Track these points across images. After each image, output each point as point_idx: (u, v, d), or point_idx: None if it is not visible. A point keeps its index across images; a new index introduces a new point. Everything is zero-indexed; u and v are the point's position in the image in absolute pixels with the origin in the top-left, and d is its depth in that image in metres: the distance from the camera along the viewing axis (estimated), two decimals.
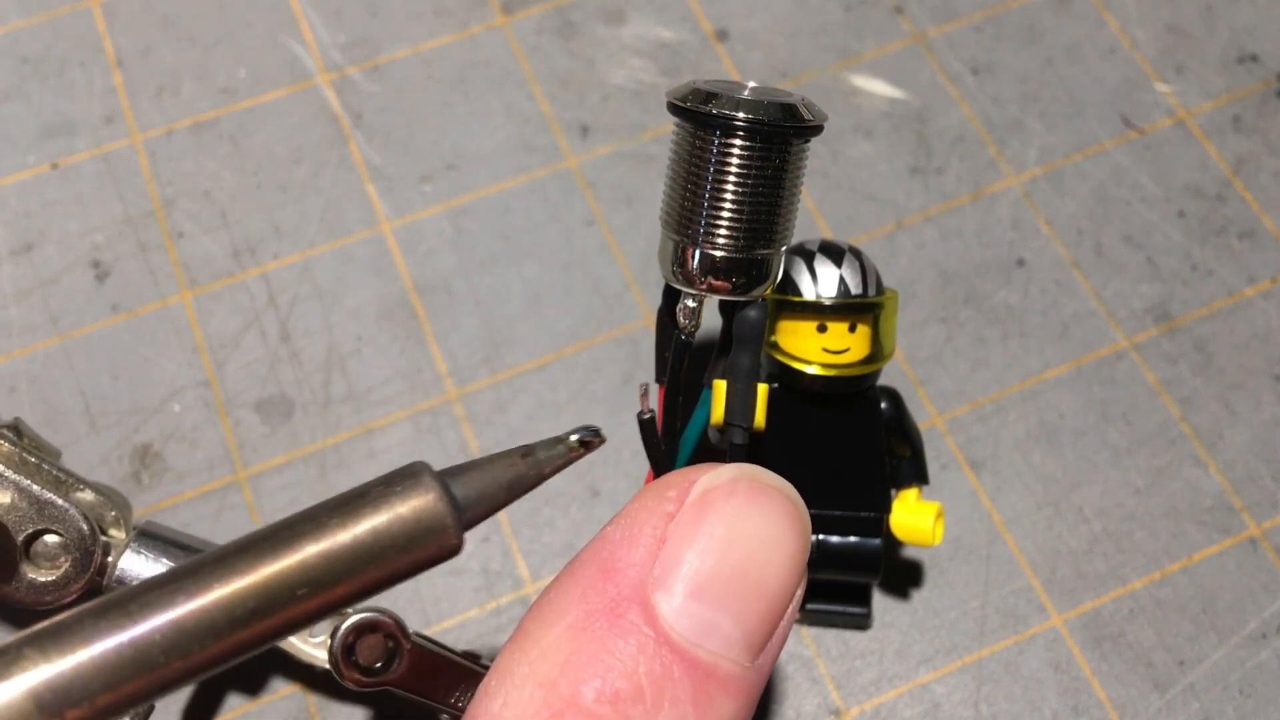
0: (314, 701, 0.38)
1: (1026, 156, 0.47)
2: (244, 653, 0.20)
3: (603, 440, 0.23)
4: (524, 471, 0.22)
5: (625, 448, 0.41)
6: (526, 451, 0.22)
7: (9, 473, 0.33)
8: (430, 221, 0.45)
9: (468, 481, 0.21)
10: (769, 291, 0.29)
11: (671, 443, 0.31)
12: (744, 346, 0.30)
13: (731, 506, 0.22)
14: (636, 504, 0.23)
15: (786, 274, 0.34)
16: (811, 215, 0.45)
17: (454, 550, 0.21)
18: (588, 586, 0.22)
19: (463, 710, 0.32)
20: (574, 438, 0.22)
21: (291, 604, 0.19)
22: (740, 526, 0.22)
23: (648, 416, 0.28)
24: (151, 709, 0.33)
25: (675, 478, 0.23)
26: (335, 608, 0.20)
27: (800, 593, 0.23)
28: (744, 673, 0.22)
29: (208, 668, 0.19)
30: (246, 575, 0.19)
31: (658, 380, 0.32)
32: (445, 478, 0.21)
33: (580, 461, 0.40)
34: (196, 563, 0.19)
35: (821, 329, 0.34)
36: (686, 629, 0.21)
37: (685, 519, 0.22)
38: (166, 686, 0.19)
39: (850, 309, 0.34)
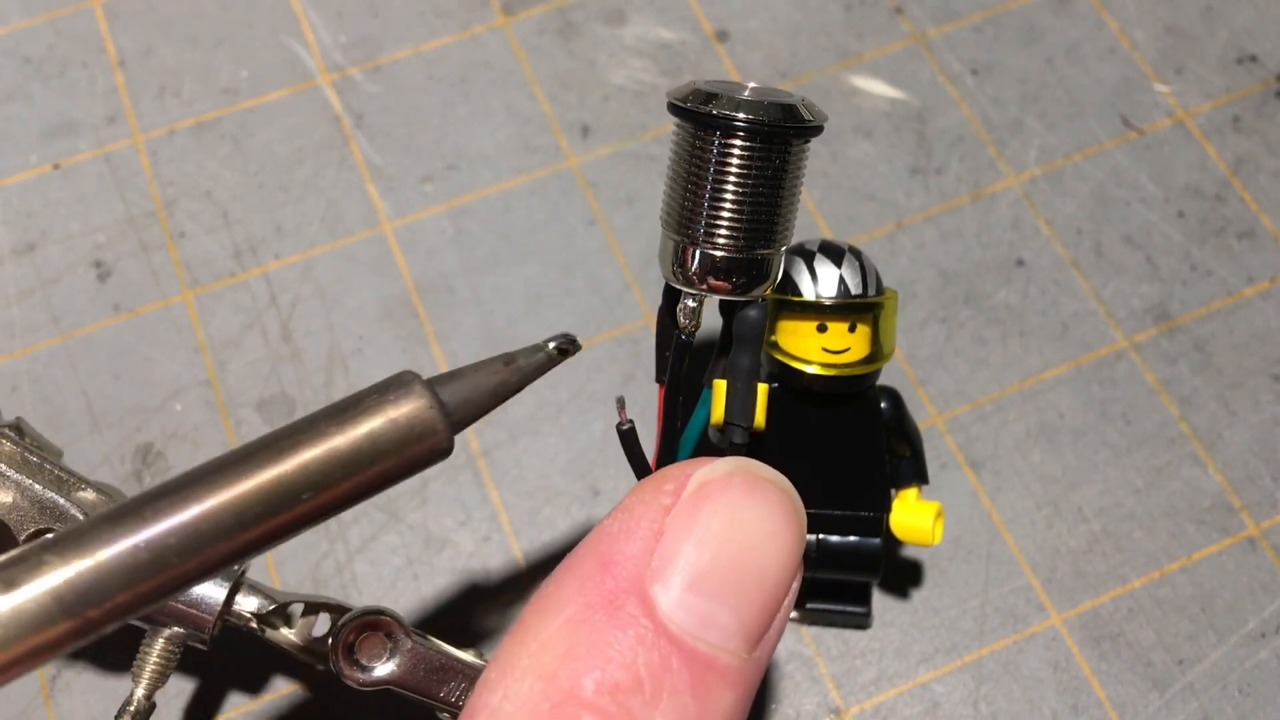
0: (314, 700, 0.38)
1: (1026, 156, 0.47)
2: (253, 551, 0.21)
3: (578, 348, 0.25)
4: (507, 378, 0.23)
5: None
6: (509, 360, 0.24)
7: (11, 472, 0.33)
8: (431, 221, 0.45)
9: (455, 388, 0.23)
10: (769, 291, 0.29)
11: (671, 443, 0.32)
12: (744, 346, 0.30)
13: (728, 499, 0.23)
14: (634, 498, 0.23)
15: (786, 274, 0.35)
16: (811, 215, 0.46)
17: (445, 452, 0.22)
18: (586, 579, 0.22)
19: (462, 709, 0.32)
20: (552, 345, 0.24)
21: (296, 505, 0.21)
22: (737, 519, 0.22)
23: (626, 427, 0.28)
24: (153, 707, 0.33)
25: (672, 471, 0.23)
26: (336, 508, 0.21)
27: (796, 585, 0.23)
28: (742, 664, 0.22)
29: (219, 566, 0.20)
30: (252, 479, 0.20)
31: (658, 380, 0.32)
32: (434, 384, 0.22)
33: (581, 461, 0.41)
34: (203, 469, 0.21)
35: (821, 329, 0.34)
36: (685, 621, 0.21)
37: (682, 512, 0.22)
38: (180, 585, 0.20)
39: (850, 309, 0.34)
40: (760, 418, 0.30)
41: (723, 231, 0.28)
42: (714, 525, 0.22)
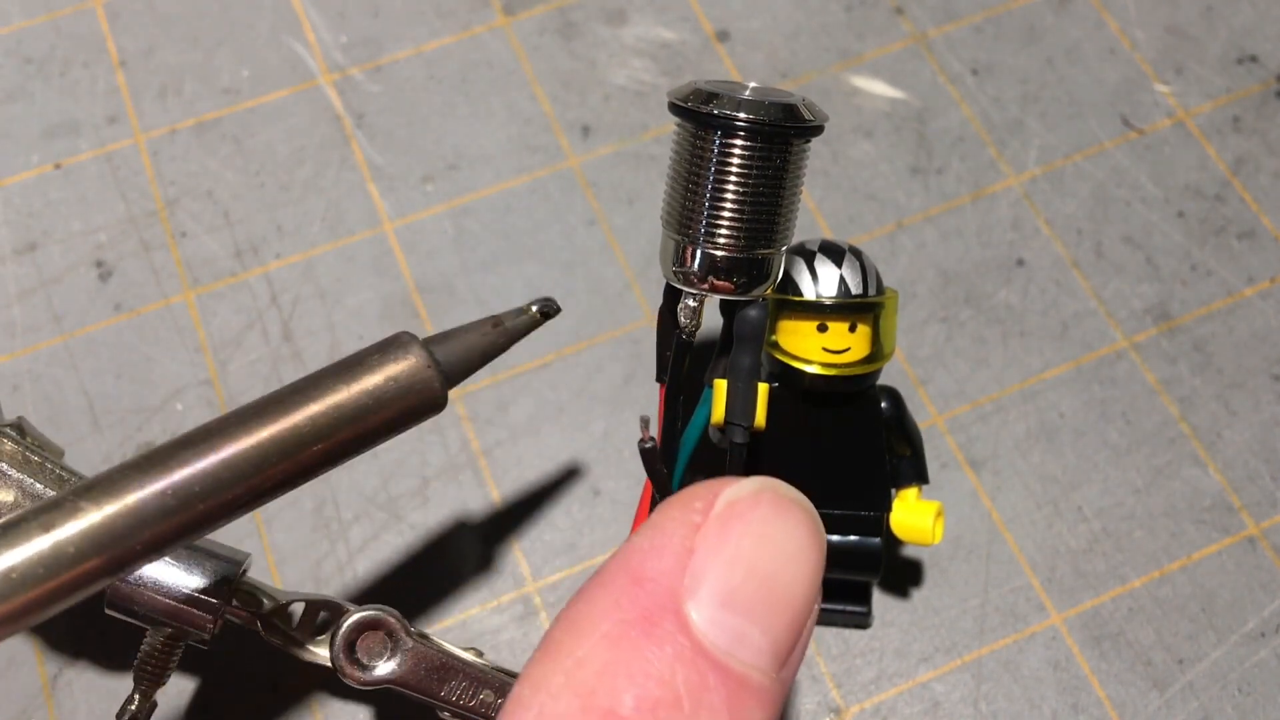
0: (315, 700, 0.38)
1: (1026, 156, 0.47)
2: (268, 496, 0.23)
3: (558, 311, 0.28)
4: (496, 339, 0.26)
5: (626, 447, 0.41)
6: (496, 322, 0.26)
7: (12, 471, 0.33)
8: (432, 221, 0.45)
9: (449, 348, 0.25)
10: (769, 291, 0.29)
11: (672, 442, 0.32)
12: (745, 346, 0.30)
13: (757, 518, 0.23)
14: (662, 515, 0.23)
15: (787, 274, 0.35)
16: (812, 215, 0.46)
17: (439, 405, 0.25)
18: (620, 595, 0.22)
19: (463, 708, 0.32)
20: (534, 309, 0.27)
21: (306, 453, 0.23)
22: (766, 538, 0.22)
23: (649, 445, 0.28)
24: (154, 707, 0.33)
25: (700, 489, 0.23)
26: (343, 456, 0.24)
27: (817, 607, 0.24)
28: (771, 683, 0.22)
29: (239, 509, 0.22)
30: (267, 430, 0.22)
31: (658, 380, 0.32)
32: (429, 344, 0.25)
33: (581, 461, 0.41)
34: (222, 422, 0.23)
35: (822, 329, 0.35)
36: (719, 639, 0.21)
37: (712, 530, 0.22)
38: (202, 526, 0.22)
39: (850, 309, 0.34)
40: (760, 417, 0.30)
41: (723, 231, 0.28)
42: (745, 544, 0.22)
